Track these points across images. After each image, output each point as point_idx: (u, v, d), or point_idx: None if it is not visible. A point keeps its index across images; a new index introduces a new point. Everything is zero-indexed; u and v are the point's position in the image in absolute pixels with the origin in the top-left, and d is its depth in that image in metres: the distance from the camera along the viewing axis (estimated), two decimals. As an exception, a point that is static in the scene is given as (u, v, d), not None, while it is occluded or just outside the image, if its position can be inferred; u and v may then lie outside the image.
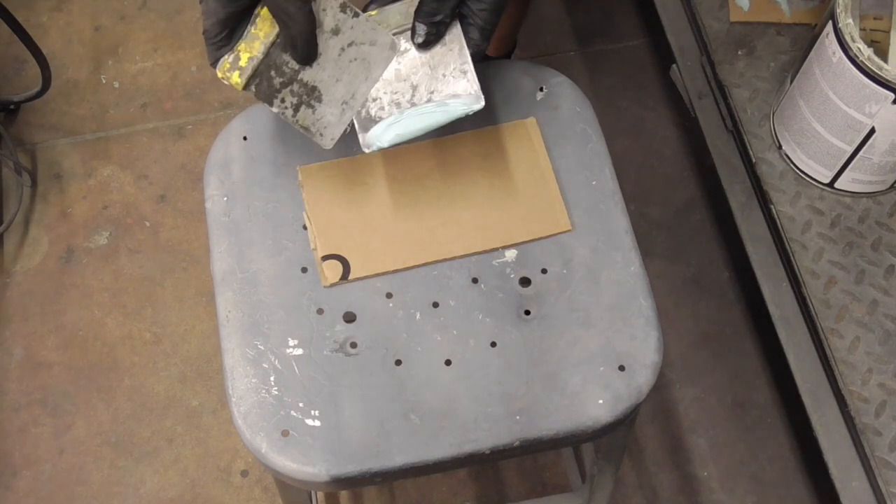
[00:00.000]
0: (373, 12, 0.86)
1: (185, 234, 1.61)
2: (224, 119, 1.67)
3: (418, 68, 0.87)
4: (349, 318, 0.89)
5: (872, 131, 1.17)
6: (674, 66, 1.50)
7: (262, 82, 0.83)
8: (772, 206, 1.29)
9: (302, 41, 0.81)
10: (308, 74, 0.84)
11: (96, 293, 1.57)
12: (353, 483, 0.84)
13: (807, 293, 1.24)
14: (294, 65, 0.83)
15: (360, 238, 0.92)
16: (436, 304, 0.89)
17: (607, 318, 0.88)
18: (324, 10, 0.82)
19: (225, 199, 0.94)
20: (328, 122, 0.85)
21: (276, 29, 0.82)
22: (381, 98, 0.87)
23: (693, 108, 1.46)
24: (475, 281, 0.90)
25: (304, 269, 0.90)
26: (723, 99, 1.39)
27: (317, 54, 0.83)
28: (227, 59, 0.82)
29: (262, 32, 0.82)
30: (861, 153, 1.20)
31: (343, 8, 0.83)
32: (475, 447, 0.83)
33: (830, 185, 1.28)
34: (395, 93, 0.87)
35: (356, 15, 0.83)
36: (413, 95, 0.87)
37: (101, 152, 1.69)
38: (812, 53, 1.21)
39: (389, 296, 0.90)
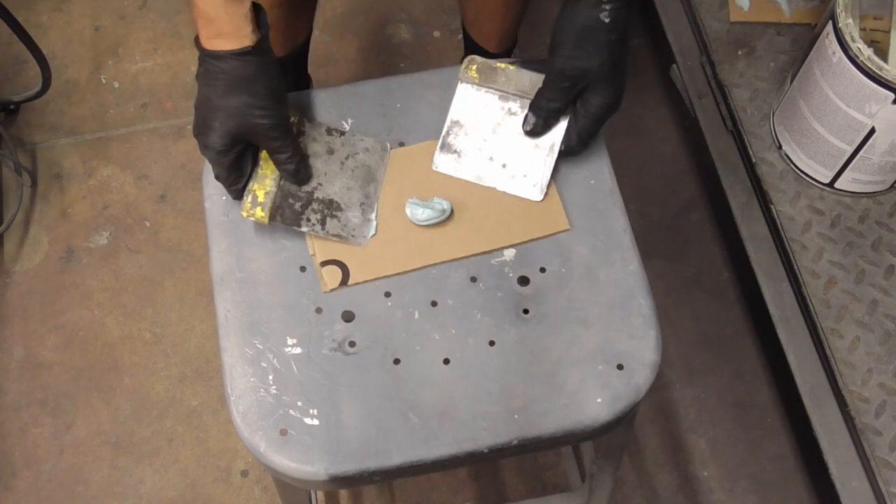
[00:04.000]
0: (512, 66, 0.95)
1: (185, 234, 1.61)
2: (224, 119, 1.67)
3: (517, 134, 0.95)
4: (348, 317, 0.89)
5: (872, 131, 1.17)
6: (674, 66, 1.50)
7: (285, 211, 0.91)
8: (772, 206, 1.29)
9: (298, 169, 0.90)
10: (321, 192, 0.92)
11: (96, 293, 1.57)
12: (351, 482, 0.84)
13: (807, 293, 1.24)
14: (306, 189, 0.92)
15: None
16: (434, 304, 0.89)
17: (606, 318, 0.88)
18: (314, 139, 0.93)
19: (224, 198, 0.94)
20: (355, 224, 0.92)
21: None
22: (471, 135, 0.95)
23: (693, 108, 1.46)
24: (474, 280, 0.90)
25: (303, 269, 0.90)
26: (723, 99, 1.39)
27: (311, 175, 0.92)
28: (247, 201, 0.89)
29: (269, 171, 0.90)
30: (861, 153, 1.20)
31: (329, 132, 0.94)
32: (474, 446, 0.83)
33: (830, 185, 1.28)
34: (485, 140, 0.95)
35: (342, 133, 0.95)
36: (495, 151, 0.94)
37: (101, 152, 1.69)
38: (812, 53, 1.21)
39: (388, 295, 0.90)
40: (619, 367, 0.86)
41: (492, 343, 0.87)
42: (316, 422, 0.84)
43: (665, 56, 1.55)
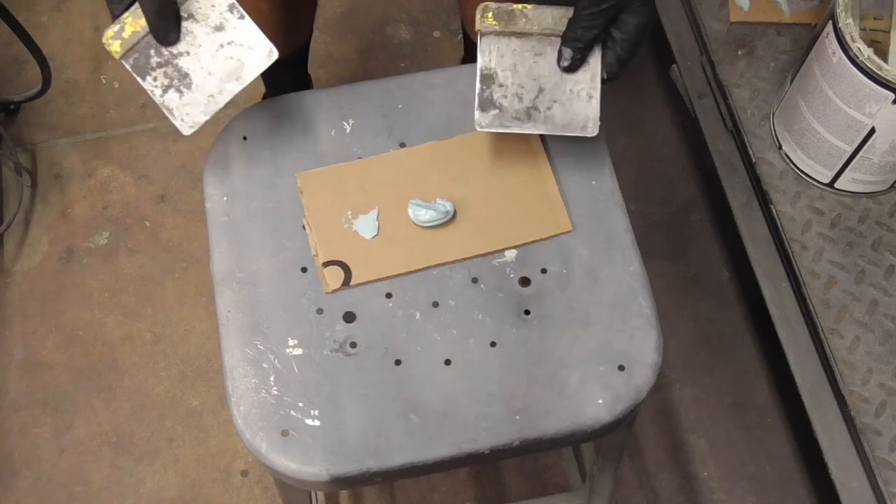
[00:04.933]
0: (529, 6, 0.90)
1: (185, 234, 1.61)
2: (224, 119, 1.67)
3: (553, 74, 0.91)
4: (349, 317, 0.89)
5: (872, 131, 1.17)
6: (674, 66, 1.50)
7: (140, 58, 0.89)
8: (772, 206, 1.29)
9: (157, 25, 0.87)
10: (184, 61, 0.89)
11: (96, 293, 1.57)
12: (352, 483, 0.84)
13: (807, 293, 1.24)
14: (174, 50, 0.89)
15: (360, 243, 0.92)
16: (435, 304, 0.89)
17: (607, 318, 0.88)
18: (212, 6, 0.89)
19: (224, 198, 0.94)
20: (191, 109, 0.90)
21: None
22: (507, 86, 0.91)
23: (693, 108, 1.46)
24: (475, 281, 0.90)
25: (304, 269, 0.90)
26: (723, 99, 1.39)
27: (172, 38, 0.88)
28: (112, 28, 0.87)
29: None
30: (861, 153, 1.21)
31: (231, 8, 0.90)
32: (475, 447, 0.83)
33: (830, 185, 1.28)
34: (522, 87, 0.91)
35: (242, 17, 0.90)
36: (536, 97, 0.91)
37: (101, 152, 1.69)
38: (812, 53, 1.21)
39: (389, 296, 0.90)
40: (620, 367, 0.86)
41: (493, 344, 0.87)
42: (317, 423, 0.84)
43: (665, 56, 1.55)
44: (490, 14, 0.90)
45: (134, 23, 0.87)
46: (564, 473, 1.43)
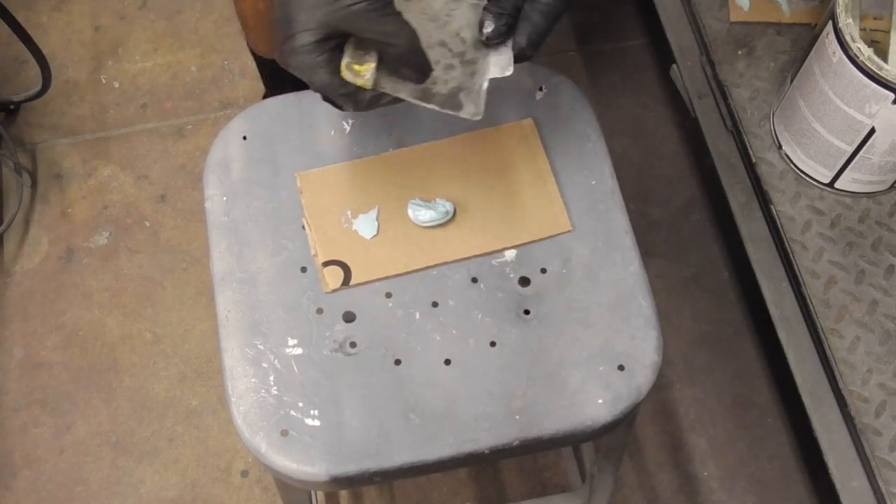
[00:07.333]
0: None
1: (185, 234, 1.61)
2: (224, 119, 1.67)
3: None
4: (349, 317, 0.89)
5: (872, 131, 1.17)
6: (674, 66, 1.50)
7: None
8: (772, 206, 1.29)
9: (413, 54, 0.78)
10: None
11: (96, 293, 1.57)
12: (352, 483, 0.84)
13: (807, 293, 1.24)
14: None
15: (360, 243, 0.92)
16: (435, 304, 0.89)
17: (607, 318, 0.88)
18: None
19: (224, 198, 0.94)
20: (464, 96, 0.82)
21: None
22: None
23: (693, 108, 1.46)
24: (475, 280, 0.90)
25: (304, 269, 0.90)
26: (723, 99, 1.39)
27: (430, 64, 0.80)
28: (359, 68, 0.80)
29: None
30: (861, 153, 1.20)
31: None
32: (474, 447, 0.83)
33: (830, 185, 1.28)
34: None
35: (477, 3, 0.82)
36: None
37: (101, 152, 1.69)
38: (812, 53, 1.21)
39: (389, 295, 0.90)
40: (620, 367, 0.86)
41: (493, 344, 0.87)
42: (317, 422, 0.84)
43: (665, 56, 1.55)
44: None
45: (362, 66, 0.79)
46: (564, 473, 1.43)
